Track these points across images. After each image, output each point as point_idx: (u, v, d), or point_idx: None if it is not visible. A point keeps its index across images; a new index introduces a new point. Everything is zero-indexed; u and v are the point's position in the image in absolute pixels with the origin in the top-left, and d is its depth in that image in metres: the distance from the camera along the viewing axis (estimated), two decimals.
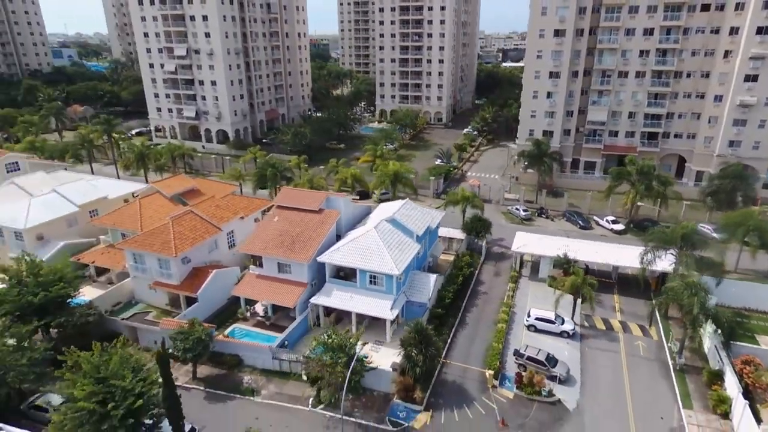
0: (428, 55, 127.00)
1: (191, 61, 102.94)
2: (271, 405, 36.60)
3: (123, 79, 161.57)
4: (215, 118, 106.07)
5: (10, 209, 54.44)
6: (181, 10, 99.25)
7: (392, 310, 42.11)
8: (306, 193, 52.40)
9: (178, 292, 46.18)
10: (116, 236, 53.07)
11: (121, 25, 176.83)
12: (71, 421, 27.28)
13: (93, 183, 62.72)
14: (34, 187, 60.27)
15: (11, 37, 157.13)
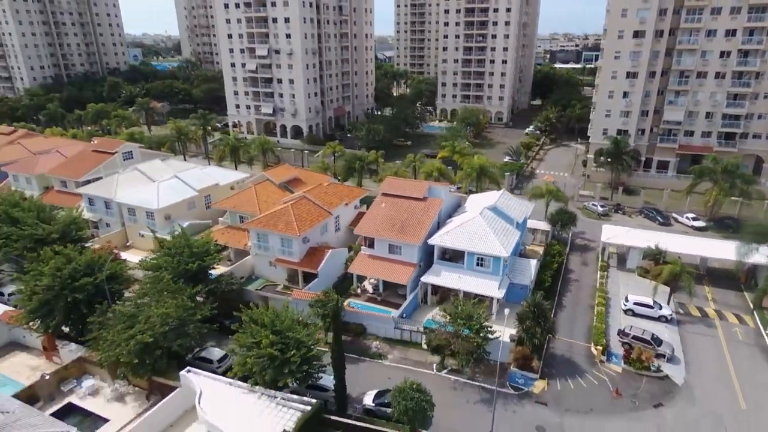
0: (491, 55, 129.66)
1: (271, 61, 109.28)
2: (399, 368, 40.84)
3: (194, 77, 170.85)
4: (291, 115, 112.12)
5: (143, 191, 60.97)
6: (264, 12, 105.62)
7: (500, 290, 45.70)
8: (410, 183, 56.66)
9: (299, 268, 51.16)
10: (234, 218, 58.74)
11: (191, 27, 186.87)
12: (256, 364, 32.15)
13: (206, 171, 68.94)
14: (153, 173, 66.95)
15: (94, 38, 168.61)
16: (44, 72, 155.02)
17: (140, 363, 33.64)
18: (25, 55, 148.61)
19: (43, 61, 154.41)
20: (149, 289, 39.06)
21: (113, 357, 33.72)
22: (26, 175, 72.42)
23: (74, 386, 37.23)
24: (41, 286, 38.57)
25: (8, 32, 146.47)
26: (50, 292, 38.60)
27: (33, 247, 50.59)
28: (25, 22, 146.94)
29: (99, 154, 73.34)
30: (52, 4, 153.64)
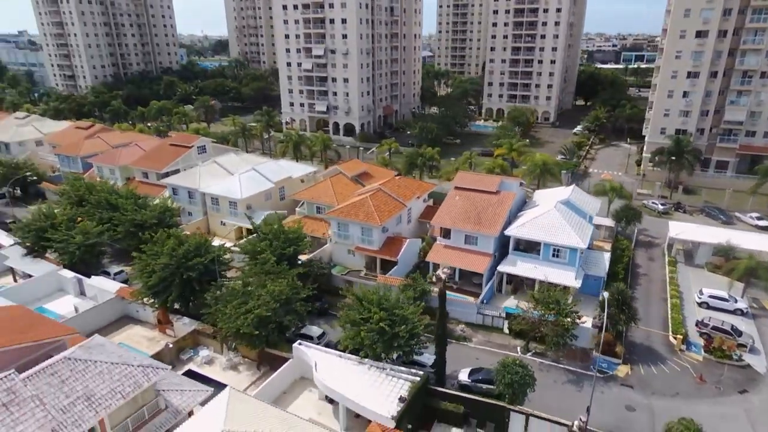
0: (540, 55, 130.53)
1: (327, 61, 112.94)
2: (484, 350, 43.23)
3: (242, 76, 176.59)
4: (344, 113, 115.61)
5: (226, 183, 64.92)
6: (322, 14, 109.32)
7: (576, 280, 47.55)
8: (482, 177, 58.90)
9: (378, 255, 54.01)
10: (311, 209, 62.08)
11: (239, 28, 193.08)
12: (367, 338, 34.99)
13: (278, 164, 72.62)
14: (230, 165, 70.97)
15: (150, 38, 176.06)
16: (104, 71, 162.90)
17: (257, 335, 36.94)
18: (88, 54, 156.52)
19: (104, 61, 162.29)
20: (257, 269, 42.46)
21: (234, 328, 37.09)
22: (110, 166, 77.51)
23: (192, 355, 40.92)
24: (160, 264, 42.40)
25: (74, 33, 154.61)
26: (167, 270, 42.41)
27: (134, 231, 55.13)
28: (89, 24, 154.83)
29: (176, 148, 77.93)
30: (113, 6, 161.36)
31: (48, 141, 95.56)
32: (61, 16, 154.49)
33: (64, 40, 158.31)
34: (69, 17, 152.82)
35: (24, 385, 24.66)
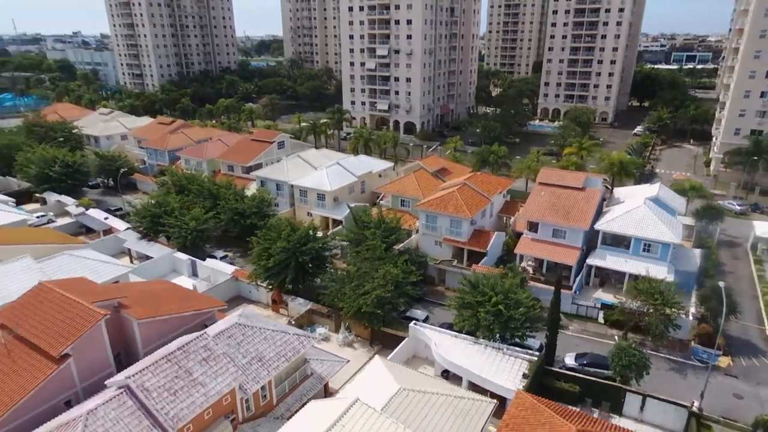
0: (600, 55, 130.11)
1: (390, 60, 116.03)
2: (581, 338, 45.05)
3: (297, 75, 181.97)
4: (405, 111, 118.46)
5: (313, 176, 68.54)
6: (387, 15, 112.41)
7: (668, 274, 48.68)
8: (566, 173, 60.52)
9: (467, 247, 56.35)
10: (396, 202, 64.95)
11: (294, 28, 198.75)
12: (485, 319, 37.44)
13: (359, 159, 75.91)
14: (313, 160, 74.66)
15: (211, 39, 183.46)
16: (169, 70, 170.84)
17: (377, 314, 39.92)
18: (156, 54, 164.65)
19: (169, 60, 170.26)
20: (368, 255, 45.51)
21: (355, 307, 40.18)
22: (197, 159, 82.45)
23: (309, 333, 44.25)
24: (279, 248, 45.96)
25: (143, 34, 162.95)
26: (285, 254, 45.95)
27: (236, 219, 59.32)
28: (157, 25, 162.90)
29: (259, 143, 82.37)
30: (179, 8, 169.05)
31: (133, 135, 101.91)
32: (132, 18, 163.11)
33: (134, 41, 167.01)
34: (140, 19, 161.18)
35: (215, 343, 28.21)
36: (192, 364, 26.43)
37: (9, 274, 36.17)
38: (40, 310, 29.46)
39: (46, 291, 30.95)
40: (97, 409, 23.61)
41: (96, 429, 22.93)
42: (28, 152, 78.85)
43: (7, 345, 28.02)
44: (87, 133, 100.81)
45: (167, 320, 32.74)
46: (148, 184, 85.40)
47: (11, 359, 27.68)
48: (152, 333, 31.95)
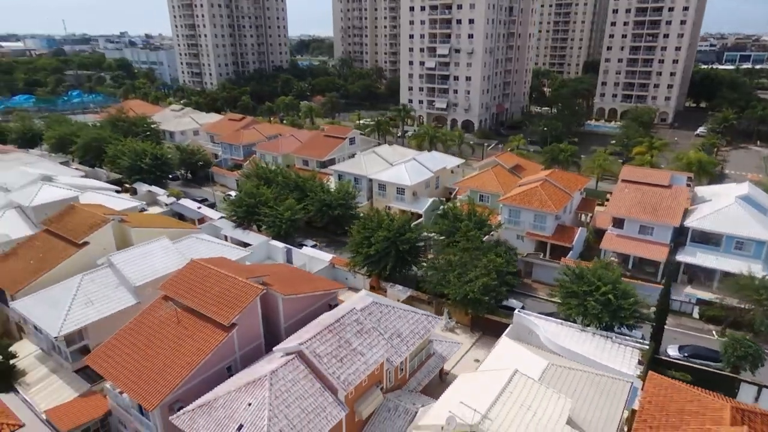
0: (661, 55, 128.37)
1: (450, 59, 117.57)
2: (677, 331, 45.73)
3: (348, 75, 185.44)
4: (464, 110, 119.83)
5: (392, 170, 70.86)
6: (449, 15, 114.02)
7: (763, 272, 48.74)
8: (650, 171, 61.05)
9: (551, 241, 57.53)
10: (475, 196, 66.54)
11: (345, 29, 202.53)
12: (594, 308, 38.77)
13: (433, 155, 77.88)
14: (387, 155, 76.99)
15: (265, 39, 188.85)
16: (227, 69, 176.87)
17: (484, 301, 41.74)
18: (215, 54, 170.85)
19: (227, 59, 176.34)
20: (468, 245, 47.38)
21: (461, 294, 42.11)
22: (273, 154, 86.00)
23: None
24: (380, 236, 48.33)
25: (204, 34, 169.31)
26: (386, 242, 48.27)
27: (324, 209, 62.16)
28: (217, 26, 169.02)
29: (332, 139, 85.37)
30: (237, 9, 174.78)
31: (205, 130, 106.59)
32: (194, 19, 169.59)
33: (194, 40, 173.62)
34: (201, 20, 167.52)
35: (364, 318, 30.60)
36: (350, 336, 28.84)
37: (153, 252, 39.59)
38: (201, 284, 32.45)
39: (200, 267, 34.03)
40: (278, 371, 26.24)
41: (279, 387, 25.54)
42: (118, 145, 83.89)
43: (177, 314, 31.10)
44: (163, 129, 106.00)
45: (304, 298, 35.40)
46: (225, 177, 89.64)
47: (182, 327, 30.74)
48: (291, 309, 34.63)
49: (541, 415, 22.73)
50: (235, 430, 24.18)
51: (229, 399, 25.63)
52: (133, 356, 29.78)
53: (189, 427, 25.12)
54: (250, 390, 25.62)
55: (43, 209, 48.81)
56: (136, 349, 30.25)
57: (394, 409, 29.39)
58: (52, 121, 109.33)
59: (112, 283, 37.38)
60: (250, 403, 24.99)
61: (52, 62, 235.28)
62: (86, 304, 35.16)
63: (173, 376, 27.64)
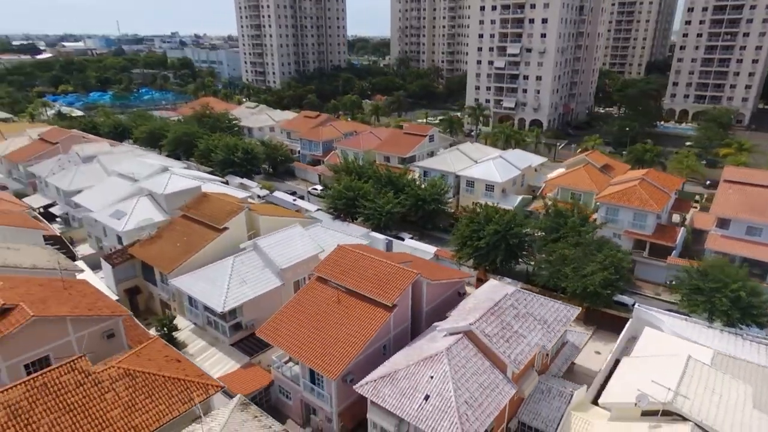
0: (740, 54, 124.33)
1: (521, 59, 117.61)
2: None
3: (406, 74, 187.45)
4: (533, 110, 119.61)
5: (481, 167, 72.11)
6: (521, 14, 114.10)
7: None
8: (755, 172, 60.05)
9: (651, 240, 57.44)
10: (565, 194, 67.02)
11: (402, 28, 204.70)
12: (723, 304, 39.01)
13: (516, 152, 78.70)
14: (471, 153, 78.23)
15: (324, 39, 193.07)
16: (289, 68, 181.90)
17: (601, 295, 42.54)
18: (279, 54, 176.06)
19: (289, 59, 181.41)
20: (581, 240, 48.23)
21: (581, 287, 43.02)
22: (354, 150, 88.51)
23: None
24: (490, 230, 49.73)
25: (269, 34, 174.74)
26: (496, 236, 49.64)
27: (419, 204, 63.99)
28: (282, 26, 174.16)
29: (412, 136, 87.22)
30: (300, 10, 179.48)
31: (281, 127, 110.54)
32: (260, 19, 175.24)
33: (259, 40, 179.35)
34: (267, 20, 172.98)
35: (518, 303, 32.10)
36: (509, 319, 30.42)
37: (292, 238, 42.27)
38: (354, 267, 34.70)
39: (349, 252, 36.36)
40: (451, 348, 28.06)
41: (456, 363, 27.35)
42: (208, 140, 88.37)
43: (338, 295, 33.43)
44: (242, 125, 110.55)
45: (443, 284, 37.29)
46: (305, 172, 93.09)
47: (343, 306, 33.04)
48: (432, 294, 36.51)
49: (726, 397, 23.63)
50: (422, 399, 26.12)
51: (409, 372, 27.60)
52: (301, 331, 32.23)
53: (374, 396, 27.22)
54: (428, 364, 27.52)
55: (173, 197, 52.53)
56: (302, 325, 32.71)
57: (548, 391, 30.74)
58: (137, 117, 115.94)
59: (258, 265, 40.22)
60: (432, 376, 26.88)
61: (119, 61, 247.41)
62: (241, 284, 38.07)
63: (349, 349, 29.88)
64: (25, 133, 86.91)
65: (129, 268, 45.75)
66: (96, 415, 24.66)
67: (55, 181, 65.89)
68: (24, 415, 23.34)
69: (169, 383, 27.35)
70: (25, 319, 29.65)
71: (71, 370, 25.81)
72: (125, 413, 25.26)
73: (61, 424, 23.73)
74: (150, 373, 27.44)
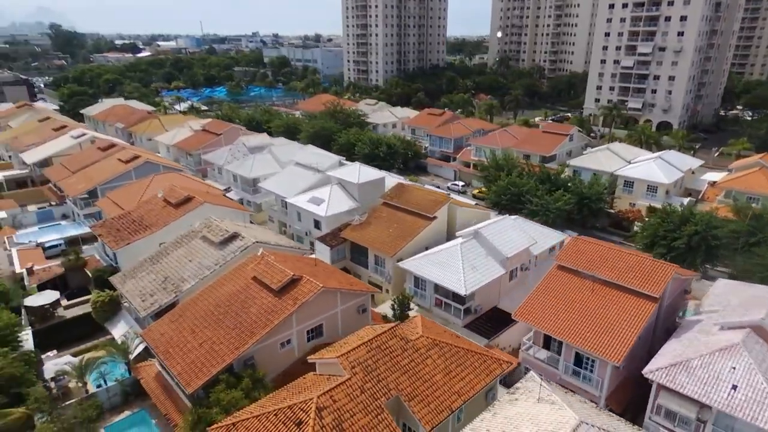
0: None
1: (652, 58, 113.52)
2: None
3: (508, 73, 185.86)
4: (662, 111, 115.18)
5: (642, 167, 70.70)
6: (656, 12, 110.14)
7: None
8: None
9: None
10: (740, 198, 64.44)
11: (503, 27, 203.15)
12: None
13: (672, 153, 76.44)
14: (622, 153, 77.01)
15: (425, 38, 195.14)
16: (391, 66, 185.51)
17: None
18: (384, 52, 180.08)
19: (392, 58, 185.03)
20: None
21: None
22: (490, 147, 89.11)
23: None
24: (689, 231, 48.94)
25: (375, 33, 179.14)
26: (696, 237, 48.78)
27: (584, 202, 63.72)
28: (388, 26, 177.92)
29: (552, 135, 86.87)
30: (405, 9, 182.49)
31: (406, 124, 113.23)
32: (367, 19, 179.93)
33: (365, 39, 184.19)
34: (374, 20, 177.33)
35: None
36: None
37: (506, 228, 43.78)
38: (601, 259, 35.53)
39: (588, 243, 37.34)
40: (745, 341, 28.20)
41: (754, 356, 27.47)
42: (349, 134, 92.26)
43: (593, 285, 34.38)
44: (368, 121, 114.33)
45: (680, 280, 37.27)
46: (438, 168, 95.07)
47: (596, 295, 33.92)
48: (672, 289, 36.60)
49: None
50: (729, 389, 26.52)
51: (704, 362, 28.05)
52: (562, 316, 33.42)
53: (670, 382, 27.91)
54: (726, 355, 27.85)
55: (365, 186, 55.64)
56: (559, 311, 33.90)
57: None
58: (263, 112, 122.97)
59: (481, 253, 41.93)
60: (734, 367, 27.19)
61: (223, 60, 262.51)
62: (473, 269, 39.93)
63: (626, 336, 30.77)
64: (185, 124, 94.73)
65: (341, 250, 49.12)
66: (426, 378, 27.04)
67: (235, 169, 71.53)
68: (373, 372, 26.02)
69: (470, 355, 29.42)
70: (317, 289, 32.91)
71: (393, 336, 28.40)
72: (446, 378, 27.49)
73: (403, 383, 26.22)
74: (452, 345, 29.64)
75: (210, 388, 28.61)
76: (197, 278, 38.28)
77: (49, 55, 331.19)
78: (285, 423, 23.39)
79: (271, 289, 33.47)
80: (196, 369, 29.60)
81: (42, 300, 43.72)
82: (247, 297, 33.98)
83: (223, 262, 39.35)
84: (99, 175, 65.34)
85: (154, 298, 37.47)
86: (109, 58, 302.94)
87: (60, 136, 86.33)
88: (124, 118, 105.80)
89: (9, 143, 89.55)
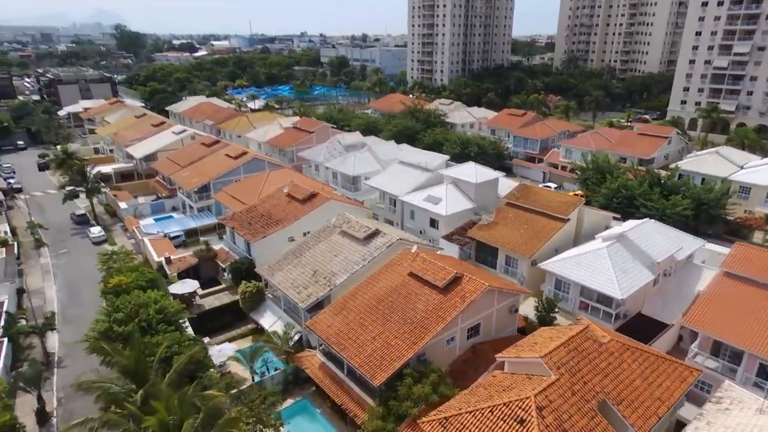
0: None
1: (750, 58, 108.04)
2: None
3: (577, 74, 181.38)
4: (759, 114, 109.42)
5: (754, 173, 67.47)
6: (757, 9, 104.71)
7: None
8: None
9: None
10: None
11: (571, 26, 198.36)
12: None
13: None
14: (732, 157, 73.55)
15: (491, 38, 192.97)
16: (456, 66, 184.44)
17: None
18: (449, 52, 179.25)
19: (458, 57, 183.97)
20: None
21: None
22: (584, 149, 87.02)
23: None
24: None
25: (442, 33, 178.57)
26: None
27: (701, 208, 61.20)
28: (455, 25, 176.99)
29: (651, 137, 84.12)
30: (472, 9, 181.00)
31: (485, 124, 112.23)
32: (433, 19, 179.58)
33: (430, 39, 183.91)
34: (441, 20, 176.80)
35: None
36: None
37: (650, 233, 42.51)
38: None
39: (754, 250, 35.85)
40: None
41: None
42: (435, 133, 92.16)
43: None
44: (447, 121, 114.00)
45: None
46: (525, 169, 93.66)
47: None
48: None
49: None
50: None
51: None
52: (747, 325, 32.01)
53: None
54: None
55: (481, 186, 55.25)
56: (732, 320, 32.60)
57: None
58: (337, 111, 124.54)
59: (627, 256, 40.73)
60: None
61: (284, 59, 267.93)
62: (623, 273, 38.88)
63: None
64: (274, 122, 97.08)
65: (467, 249, 48.96)
66: (627, 382, 26.43)
67: (335, 166, 72.64)
68: (578, 374, 25.63)
69: (661, 361, 28.60)
70: (482, 287, 32.83)
71: (587, 338, 27.93)
72: (645, 384, 26.78)
73: (607, 386, 25.71)
74: (642, 350, 28.92)
75: (392, 382, 29.01)
76: (348, 273, 38.96)
77: (115, 54, 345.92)
78: (504, 420, 23.35)
79: (434, 286, 33.67)
80: (377, 362, 30.05)
81: (185, 288, 45.61)
82: (409, 293, 34.30)
83: (371, 257, 39.88)
84: (211, 170, 67.74)
85: (309, 290, 38.38)
86: (168, 57, 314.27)
87: (160, 132, 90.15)
88: (212, 116, 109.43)
89: (112, 138, 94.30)
